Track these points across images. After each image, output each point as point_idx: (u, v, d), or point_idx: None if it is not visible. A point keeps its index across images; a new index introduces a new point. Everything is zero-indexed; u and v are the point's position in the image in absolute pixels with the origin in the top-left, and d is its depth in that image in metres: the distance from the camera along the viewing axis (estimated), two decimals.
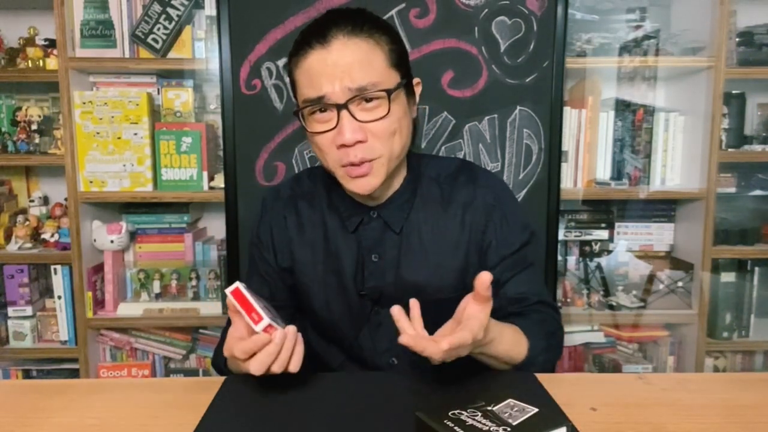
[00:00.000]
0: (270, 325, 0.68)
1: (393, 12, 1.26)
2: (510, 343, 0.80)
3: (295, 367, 0.70)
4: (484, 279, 0.68)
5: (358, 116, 0.80)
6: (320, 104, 0.80)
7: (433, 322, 0.73)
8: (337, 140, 0.81)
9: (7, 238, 1.79)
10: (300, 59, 0.82)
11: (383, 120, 0.81)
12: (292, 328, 0.70)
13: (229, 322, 0.95)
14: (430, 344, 0.66)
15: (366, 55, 0.80)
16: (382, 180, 0.85)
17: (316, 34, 0.80)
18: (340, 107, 0.79)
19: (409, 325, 0.70)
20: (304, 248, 0.95)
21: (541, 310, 0.90)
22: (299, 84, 0.83)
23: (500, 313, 0.90)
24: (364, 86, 0.79)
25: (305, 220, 0.96)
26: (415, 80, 0.90)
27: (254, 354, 0.68)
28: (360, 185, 0.84)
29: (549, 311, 0.91)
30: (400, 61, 0.85)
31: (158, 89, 1.76)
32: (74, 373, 1.80)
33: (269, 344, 0.68)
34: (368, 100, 0.80)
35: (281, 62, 1.27)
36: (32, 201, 1.87)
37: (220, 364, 0.90)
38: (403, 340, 0.67)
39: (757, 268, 1.79)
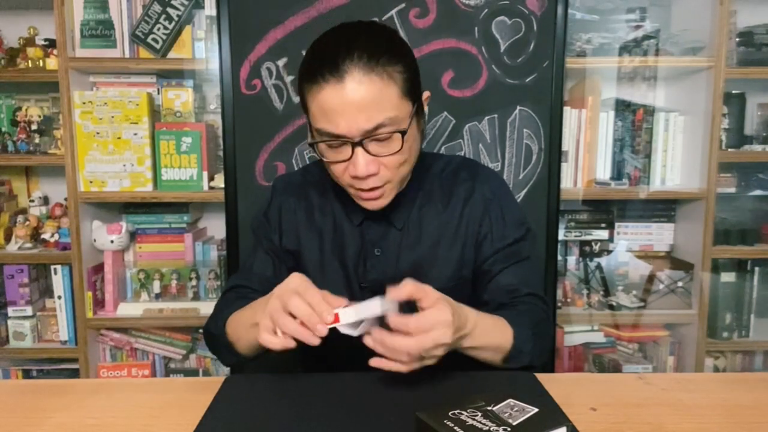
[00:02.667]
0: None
1: (393, 12, 1.26)
2: (491, 332, 0.80)
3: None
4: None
5: (371, 150, 0.82)
6: (337, 140, 0.82)
7: None
8: (350, 171, 0.83)
9: (7, 238, 1.79)
10: (313, 89, 0.81)
11: (396, 155, 0.83)
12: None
13: (227, 301, 0.94)
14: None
15: (380, 91, 0.79)
16: (391, 199, 0.89)
17: (329, 64, 0.79)
18: (355, 144, 0.81)
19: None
20: (311, 233, 0.98)
21: (529, 302, 0.91)
22: (313, 112, 0.83)
23: (491, 304, 0.92)
24: (380, 123, 0.80)
25: (315, 207, 0.99)
26: (425, 95, 0.90)
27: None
28: (370, 205, 0.88)
29: (537, 303, 0.92)
30: (412, 86, 0.85)
31: (158, 89, 1.76)
32: (74, 373, 1.80)
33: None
34: (383, 136, 0.82)
35: (281, 62, 1.27)
36: (32, 201, 1.87)
37: (218, 330, 0.89)
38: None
39: (757, 268, 1.79)
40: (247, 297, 0.94)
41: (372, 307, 0.69)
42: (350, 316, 0.70)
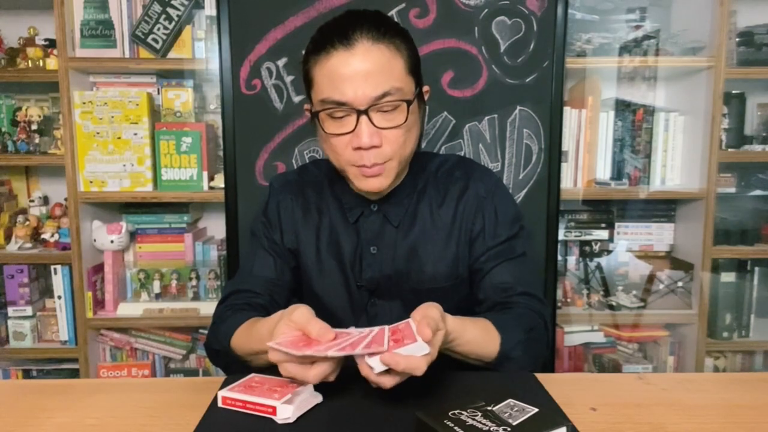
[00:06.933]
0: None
1: (393, 12, 1.26)
2: (474, 341, 0.79)
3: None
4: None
5: (376, 122, 0.82)
6: (342, 109, 0.82)
7: None
8: (353, 143, 0.83)
9: (7, 238, 1.79)
10: (321, 58, 0.83)
11: (399, 128, 0.84)
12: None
13: (226, 311, 0.92)
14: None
15: (388, 61, 0.82)
16: (392, 181, 0.89)
17: (339, 34, 0.81)
18: (360, 113, 0.81)
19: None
20: (308, 230, 0.98)
21: (524, 303, 0.90)
22: (318, 83, 0.84)
23: (486, 303, 0.92)
24: (386, 91, 0.81)
25: (311, 205, 0.99)
26: (425, 88, 0.92)
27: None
28: (371, 185, 0.87)
29: (533, 303, 0.91)
30: (415, 67, 0.87)
31: (158, 89, 1.76)
32: (74, 373, 1.80)
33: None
34: (388, 107, 0.83)
35: (281, 62, 1.27)
36: (32, 201, 1.87)
37: (222, 347, 0.86)
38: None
39: (757, 268, 1.79)
40: (249, 303, 0.93)
41: (416, 350, 0.64)
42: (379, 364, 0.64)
